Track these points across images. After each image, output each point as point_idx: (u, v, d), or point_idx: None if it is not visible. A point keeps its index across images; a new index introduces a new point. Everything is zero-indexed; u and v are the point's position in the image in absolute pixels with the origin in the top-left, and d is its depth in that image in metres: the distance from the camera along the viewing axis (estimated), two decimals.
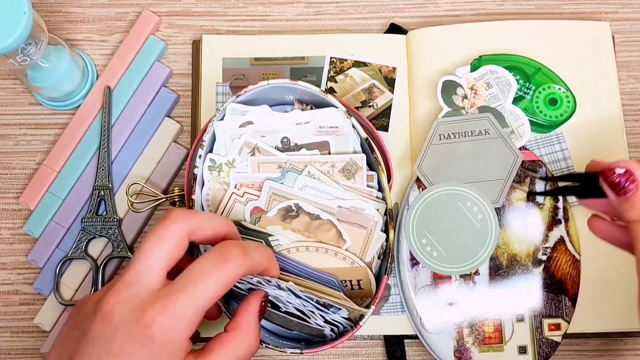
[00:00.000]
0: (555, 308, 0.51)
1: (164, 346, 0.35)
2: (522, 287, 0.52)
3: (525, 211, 0.53)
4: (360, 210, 0.47)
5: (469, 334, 0.51)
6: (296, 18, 0.60)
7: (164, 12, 0.60)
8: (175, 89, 0.59)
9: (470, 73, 0.55)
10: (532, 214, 0.52)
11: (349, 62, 0.57)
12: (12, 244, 0.56)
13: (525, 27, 0.57)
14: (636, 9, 0.60)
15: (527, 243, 0.52)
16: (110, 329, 0.35)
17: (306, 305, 0.43)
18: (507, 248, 0.52)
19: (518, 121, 0.53)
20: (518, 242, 0.52)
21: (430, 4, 0.61)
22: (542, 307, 0.51)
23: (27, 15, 0.46)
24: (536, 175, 0.52)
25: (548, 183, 0.52)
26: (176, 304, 0.35)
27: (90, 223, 0.55)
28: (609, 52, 0.57)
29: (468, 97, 0.54)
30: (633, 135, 0.58)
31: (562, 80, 0.54)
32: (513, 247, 0.52)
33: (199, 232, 0.39)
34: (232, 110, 0.48)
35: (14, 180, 0.57)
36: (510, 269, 0.52)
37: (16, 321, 0.55)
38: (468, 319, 0.51)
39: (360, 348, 0.55)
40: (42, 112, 0.59)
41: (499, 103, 0.54)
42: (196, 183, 0.47)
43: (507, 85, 0.54)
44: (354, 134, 0.49)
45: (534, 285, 0.52)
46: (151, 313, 0.35)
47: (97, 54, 0.59)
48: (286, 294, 0.42)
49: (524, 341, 0.51)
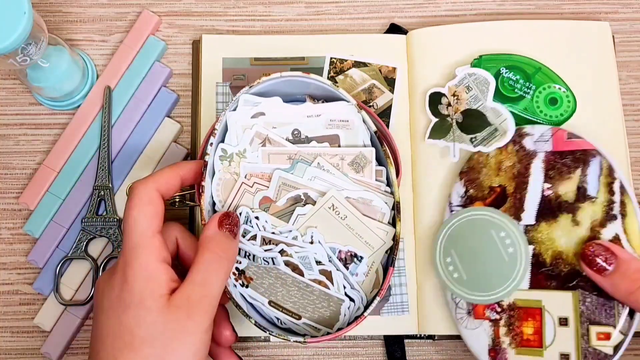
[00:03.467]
0: (605, 315, 0.46)
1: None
2: (567, 288, 0.48)
3: (574, 205, 0.48)
4: (368, 202, 0.48)
5: (506, 334, 0.48)
6: (296, 18, 0.60)
7: (164, 12, 0.60)
8: (175, 89, 0.59)
9: (451, 81, 0.55)
10: (582, 208, 0.48)
11: (349, 63, 0.57)
12: (12, 244, 0.56)
13: (525, 27, 0.57)
14: (636, 9, 0.60)
15: (574, 240, 0.48)
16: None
17: (331, 259, 0.45)
18: (552, 244, 0.48)
19: (500, 117, 0.53)
20: (565, 238, 0.48)
21: (430, 4, 0.61)
22: (591, 312, 0.47)
23: (27, 15, 0.46)
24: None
25: (604, 175, 0.48)
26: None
27: (90, 223, 0.55)
28: (609, 52, 0.57)
29: (451, 104, 0.54)
30: (633, 135, 0.58)
31: (562, 80, 0.54)
32: (559, 243, 0.48)
33: (163, 186, 0.44)
34: (245, 101, 0.49)
35: (14, 180, 0.57)
36: (555, 267, 0.48)
37: (16, 321, 0.55)
38: (505, 316, 0.49)
39: (360, 348, 0.55)
40: (42, 112, 0.59)
41: (480, 103, 0.54)
42: (206, 171, 0.47)
43: (485, 85, 0.54)
44: (364, 128, 0.49)
45: (582, 286, 0.47)
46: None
47: (97, 54, 0.59)
48: (313, 249, 0.45)
49: (567, 348, 0.47)
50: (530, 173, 0.50)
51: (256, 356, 0.55)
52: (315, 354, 0.55)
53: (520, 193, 0.50)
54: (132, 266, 0.40)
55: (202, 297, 0.41)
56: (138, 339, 0.39)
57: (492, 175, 0.51)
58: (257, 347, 0.55)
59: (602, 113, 0.56)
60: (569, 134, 0.50)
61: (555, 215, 0.49)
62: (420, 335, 0.54)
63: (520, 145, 0.51)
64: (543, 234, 0.49)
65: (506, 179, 0.50)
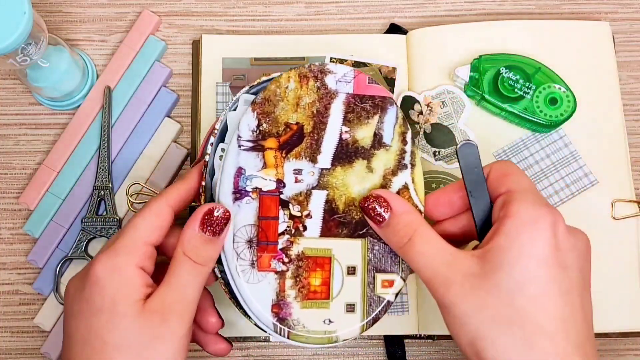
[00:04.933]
0: (391, 262, 0.45)
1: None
2: (357, 235, 0.45)
3: (370, 151, 0.46)
4: None
5: (292, 286, 0.44)
6: (296, 18, 0.60)
7: (164, 12, 0.60)
8: (175, 89, 0.59)
9: (429, 91, 0.55)
10: (377, 155, 0.46)
11: (349, 63, 0.57)
12: (12, 244, 0.56)
13: (525, 27, 0.57)
14: (636, 9, 0.60)
15: (367, 187, 0.46)
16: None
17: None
18: (346, 190, 0.45)
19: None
20: (358, 185, 0.45)
21: (430, 4, 0.61)
22: (378, 260, 0.45)
23: (27, 15, 0.46)
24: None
25: (399, 125, 0.47)
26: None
27: (90, 223, 0.55)
28: (610, 52, 0.57)
29: (423, 114, 0.55)
30: (633, 135, 0.58)
31: (562, 80, 0.54)
32: (352, 190, 0.45)
33: (175, 199, 0.43)
34: (245, 101, 0.48)
35: (14, 180, 0.57)
36: (347, 214, 0.45)
37: (16, 321, 0.55)
38: (292, 267, 0.45)
39: (360, 348, 0.55)
40: (42, 112, 0.59)
41: (452, 122, 0.55)
42: (207, 171, 0.47)
43: (461, 106, 0.55)
44: None
45: (371, 234, 0.45)
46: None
47: (97, 54, 0.59)
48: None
49: (353, 298, 0.45)
50: (330, 113, 0.46)
51: (256, 356, 0.55)
52: (315, 354, 0.55)
53: (318, 134, 0.46)
54: (106, 267, 0.39)
55: (176, 302, 0.39)
56: (110, 346, 0.37)
57: (289, 110, 0.46)
58: (257, 347, 0.55)
59: (602, 113, 0.56)
60: (369, 79, 0.47)
61: (351, 160, 0.46)
62: (420, 335, 0.54)
63: (322, 82, 0.47)
64: (338, 179, 0.46)
65: (304, 117, 0.46)
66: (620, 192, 0.54)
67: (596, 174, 0.55)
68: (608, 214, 0.54)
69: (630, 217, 0.54)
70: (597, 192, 0.54)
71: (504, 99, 0.54)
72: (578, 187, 0.55)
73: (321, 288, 0.45)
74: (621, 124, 0.55)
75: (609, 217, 0.54)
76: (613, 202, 0.54)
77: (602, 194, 0.54)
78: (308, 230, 0.45)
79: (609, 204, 0.54)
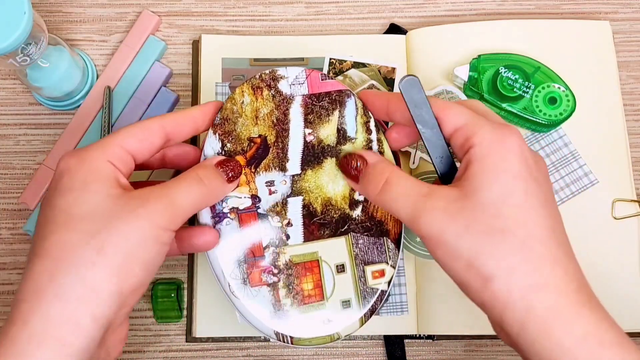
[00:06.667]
0: (378, 253, 0.46)
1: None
2: (340, 233, 0.46)
3: (337, 148, 0.46)
4: None
5: (287, 295, 0.45)
6: (296, 18, 0.60)
7: (164, 12, 0.60)
8: (175, 89, 0.59)
9: (428, 91, 0.55)
10: (344, 150, 0.46)
11: (349, 63, 0.57)
12: (12, 244, 0.56)
13: (525, 27, 0.57)
14: (636, 9, 0.60)
15: (341, 184, 0.46)
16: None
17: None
18: (321, 192, 0.46)
19: None
20: (332, 184, 0.46)
21: (430, 4, 0.61)
22: (364, 253, 0.46)
23: (27, 15, 0.46)
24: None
25: (360, 115, 0.46)
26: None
27: None
28: (610, 52, 0.57)
29: None
30: (633, 135, 0.58)
31: (561, 79, 0.54)
32: (327, 190, 0.46)
33: (171, 124, 0.41)
34: None
35: (14, 180, 0.57)
36: (326, 215, 0.46)
37: None
38: (283, 277, 0.45)
39: (360, 348, 0.55)
40: (42, 112, 0.59)
41: None
42: None
43: None
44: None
45: (353, 229, 0.46)
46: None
47: (97, 54, 0.60)
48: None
49: (347, 294, 0.45)
50: (290, 119, 0.46)
51: (256, 356, 0.55)
52: (315, 354, 0.55)
53: (282, 142, 0.46)
54: (74, 156, 0.36)
55: (163, 196, 0.37)
56: (76, 218, 0.34)
57: (249, 125, 0.46)
58: (257, 347, 0.55)
59: (602, 113, 0.56)
60: (322, 75, 0.47)
61: (320, 161, 0.46)
62: (420, 335, 0.54)
63: (276, 90, 0.47)
64: (310, 182, 0.46)
65: (266, 128, 0.46)
66: (620, 191, 0.54)
67: (596, 174, 0.55)
68: (608, 213, 0.54)
69: (630, 217, 0.54)
70: (597, 191, 0.54)
71: (503, 98, 0.54)
72: (578, 187, 0.55)
73: (315, 291, 0.45)
74: (621, 124, 0.55)
75: (609, 217, 0.54)
76: (613, 201, 0.54)
77: (603, 194, 0.54)
78: (291, 238, 0.45)
79: (610, 203, 0.54)
